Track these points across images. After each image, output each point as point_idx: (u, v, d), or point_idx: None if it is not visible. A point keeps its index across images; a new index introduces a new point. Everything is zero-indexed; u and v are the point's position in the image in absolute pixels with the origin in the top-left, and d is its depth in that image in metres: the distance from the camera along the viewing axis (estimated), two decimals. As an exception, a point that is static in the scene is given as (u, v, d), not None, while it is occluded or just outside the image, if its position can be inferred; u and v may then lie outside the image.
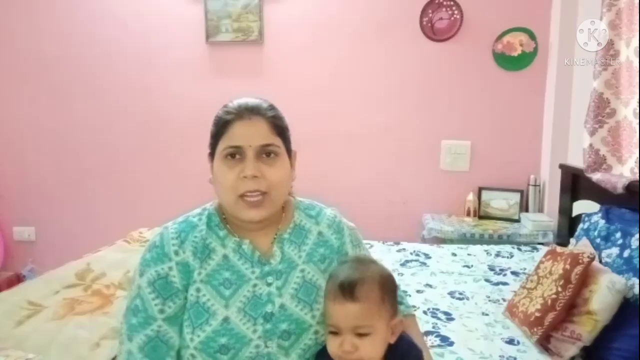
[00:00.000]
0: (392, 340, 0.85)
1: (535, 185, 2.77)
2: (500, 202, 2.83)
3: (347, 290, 0.81)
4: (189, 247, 0.89)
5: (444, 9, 2.80)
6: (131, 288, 0.89)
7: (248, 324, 0.87)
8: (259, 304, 0.89)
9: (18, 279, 3.15)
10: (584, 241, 1.82)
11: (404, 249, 2.41)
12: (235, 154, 0.87)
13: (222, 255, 0.91)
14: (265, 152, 0.88)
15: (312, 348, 0.91)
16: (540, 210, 2.78)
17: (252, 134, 0.87)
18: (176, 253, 0.88)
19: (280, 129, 0.91)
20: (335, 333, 0.83)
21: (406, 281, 1.99)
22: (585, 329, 1.39)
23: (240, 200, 0.87)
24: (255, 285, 0.90)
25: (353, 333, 0.80)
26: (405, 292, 1.01)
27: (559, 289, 1.48)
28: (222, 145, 0.89)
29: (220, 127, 0.90)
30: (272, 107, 0.93)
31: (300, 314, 0.90)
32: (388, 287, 0.87)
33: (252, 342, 0.86)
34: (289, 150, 0.94)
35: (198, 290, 0.88)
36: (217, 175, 0.90)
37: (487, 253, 2.34)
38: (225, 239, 0.92)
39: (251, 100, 0.92)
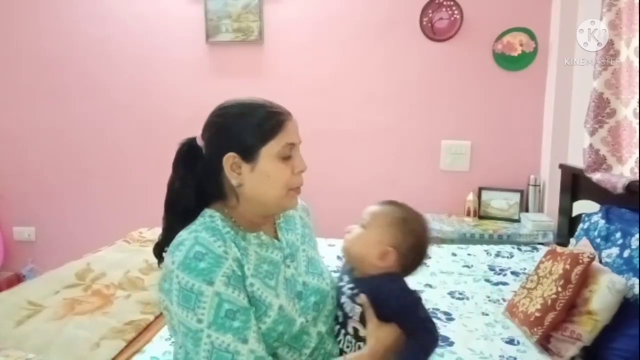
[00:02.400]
0: (377, 261, 0.98)
1: (535, 185, 2.77)
2: (500, 202, 2.83)
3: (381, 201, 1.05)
4: (230, 244, 0.89)
5: (444, 9, 2.80)
6: (199, 303, 0.80)
7: (293, 307, 0.93)
8: (291, 285, 0.96)
9: (18, 279, 3.15)
10: (584, 241, 1.82)
11: (404, 249, 2.40)
12: (289, 151, 0.93)
13: (253, 251, 0.94)
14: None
15: (332, 312, 1.02)
16: (540, 210, 2.78)
17: (297, 132, 0.96)
18: (226, 252, 0.86)
19: None
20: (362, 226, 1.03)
21: (406, 281, 1.99)
22: (585, 329, 1.39)
23: (291, 192, 0.94)
24: (283, 270, 0.96)
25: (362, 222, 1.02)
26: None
27: (559, 289, 1.48)
28: (279, 144, 0.91)
29: (274, 127, 0.91)
30: None
31: (318, 284, 1.01)
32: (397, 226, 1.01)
33: (297, 321, 0.92)
34: None
35: (251, 285, 0.89)
36: (272, 173, 0.91)
37: (487, 253, 2.34)
38: (245, 239, 0.95)
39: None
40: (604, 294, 1.40)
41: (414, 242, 0.99)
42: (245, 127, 0.91)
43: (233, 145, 0.91)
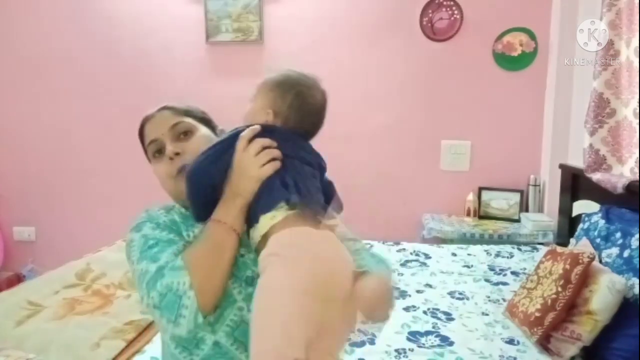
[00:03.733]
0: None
1: (535, 185, 2.77)
2: (500, 202, 2.83)
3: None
4: (175, 213, 0.91)
5: (444, 9, 2.80)
6: (131, 251, 0.85)
7: (234, 284, 0.84)
8: (241, 269, 0.86)
9: (18, 279, 3.15)
10: (584, 241, 1.82)
11: (404, 249, 2.41)
12: (159, 149, 0.93)
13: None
14: (180, 133, 0.94)
15: None
16: (540, 210, 2.78)
17: (160, 124, 0.95)
18: (165, 216, 0.90)
19: (186, 112, 0.97)
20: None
21: (406, 281, 1.99)
22: (585, 329, 1.39)
23: (178, 179, 0.89)
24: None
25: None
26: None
27: (559, 289, 1.48)
28: (147, 146, 0.96)
29: (140, 134, 0.99)
30: (179, 103, 1.00)
31: None
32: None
33: (237, 303, 0.84)
34: (214, 130, 1.00)
35: None
36: (156, 174, 0.95)
37: (487, 253, 2.34)
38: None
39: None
40: (604, 294, 1.40)
41: (292, 101, 0.94)
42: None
43: None
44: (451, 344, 1.49)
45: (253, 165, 0.82)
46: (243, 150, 0.83)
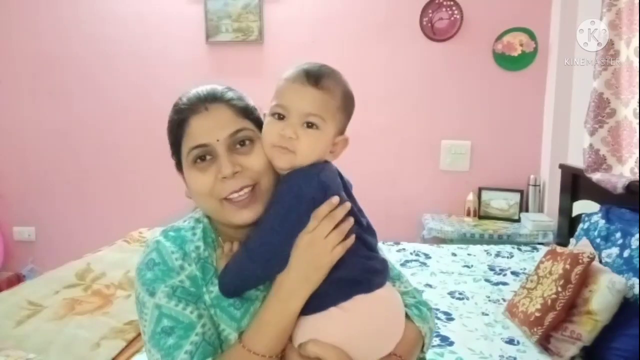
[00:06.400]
0: (331, 158, 0.81)
1: (535, 185, 2.77)
2: (500, 202, 2.83)
3: (313, 75, 0.75)
4: (193, 258, 0.76)
5: (444, 9, 2.80)
6: (143, 315, 0.74)
7: None
8: None
9: (18, 279, 3.15)
10: (584, 241, 1.82)
11: (404, 249, 2.41)
12: (204, 155, 0.74)
13: None
14: (238, 142, 0.75)
15: None
16: (540, 210, 2.78)
17: (215, 126, 0.73)
18: (182, 267, 0.74)
19: (246, 110, 0.78)
20: (280, 118, 0.74)
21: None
22: (585, 329, 1.39)
23: (226, 203, 0.74)
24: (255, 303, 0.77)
25: (300, 122, 0.73)
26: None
27: (559, 289, 1.48)
28: (185, 150, 0.75)
29: (176, 130, 0.76)
30: (229, 89, 0.80)
31: None
32: (349, 100, 0.82)
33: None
34: None
35: (214, 314, 0.77)
36: (190, 184, 0.76)
37: (487, 253, 2.34)
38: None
39: (202, 88, 0.79)
40: (603, 294, 1.40)
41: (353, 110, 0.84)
42: (168, 128, 0.79)
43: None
44: (451, 344, 1.49)
45: (324, 252, 0.69)
46: (312, 231, 0.69)
